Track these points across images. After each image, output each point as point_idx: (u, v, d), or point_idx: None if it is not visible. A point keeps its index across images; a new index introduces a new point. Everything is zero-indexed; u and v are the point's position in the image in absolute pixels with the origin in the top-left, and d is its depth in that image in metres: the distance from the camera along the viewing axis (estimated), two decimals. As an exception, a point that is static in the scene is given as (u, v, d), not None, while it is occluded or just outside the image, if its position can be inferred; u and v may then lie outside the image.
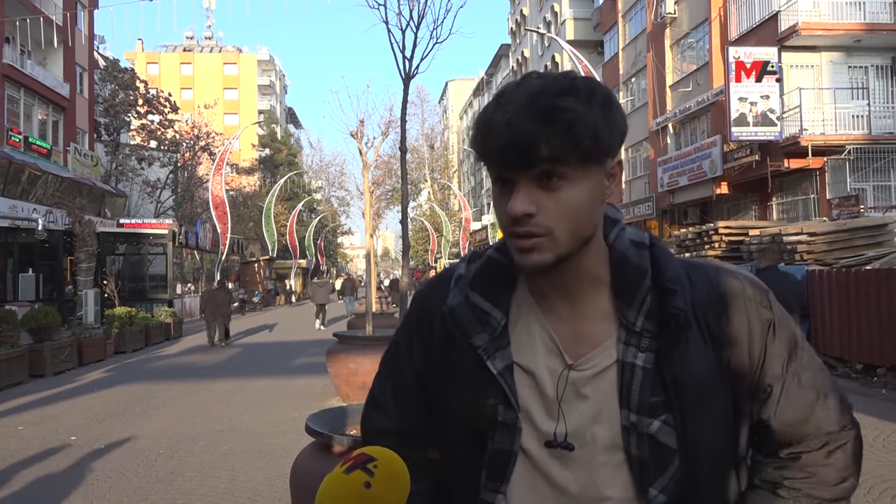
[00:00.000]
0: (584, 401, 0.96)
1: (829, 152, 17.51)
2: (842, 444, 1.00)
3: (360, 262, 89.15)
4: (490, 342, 0.98)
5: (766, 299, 1.00)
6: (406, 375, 1.10)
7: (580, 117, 0.85)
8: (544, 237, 0.89)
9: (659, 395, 0.93)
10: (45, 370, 11.11)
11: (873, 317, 9.03)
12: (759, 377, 0.99)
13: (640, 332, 0.94)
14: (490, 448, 0.98)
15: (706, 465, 0.95)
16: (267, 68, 74.94)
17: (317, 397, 8.58)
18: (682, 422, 0.93)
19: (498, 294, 1.00)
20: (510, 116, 0.87)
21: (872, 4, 18.36)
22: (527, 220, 0.89)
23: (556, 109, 0.85)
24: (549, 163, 0.87)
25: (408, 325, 1.12)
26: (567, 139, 0.85)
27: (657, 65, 24.91)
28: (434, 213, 48.92)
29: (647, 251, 0.98)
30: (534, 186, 0.89)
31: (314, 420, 3.26)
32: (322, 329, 20.04)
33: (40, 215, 17.97)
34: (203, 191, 32.95)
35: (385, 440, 1.05)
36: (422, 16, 7.05)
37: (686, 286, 0.97)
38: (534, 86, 0.88)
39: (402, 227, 7.67)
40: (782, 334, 0.99)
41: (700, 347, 0.95)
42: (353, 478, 0.89)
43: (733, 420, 0.98)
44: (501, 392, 0.97)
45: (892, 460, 5.36)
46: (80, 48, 27.13)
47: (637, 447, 0.93)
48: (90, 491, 5.04)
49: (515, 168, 0.89)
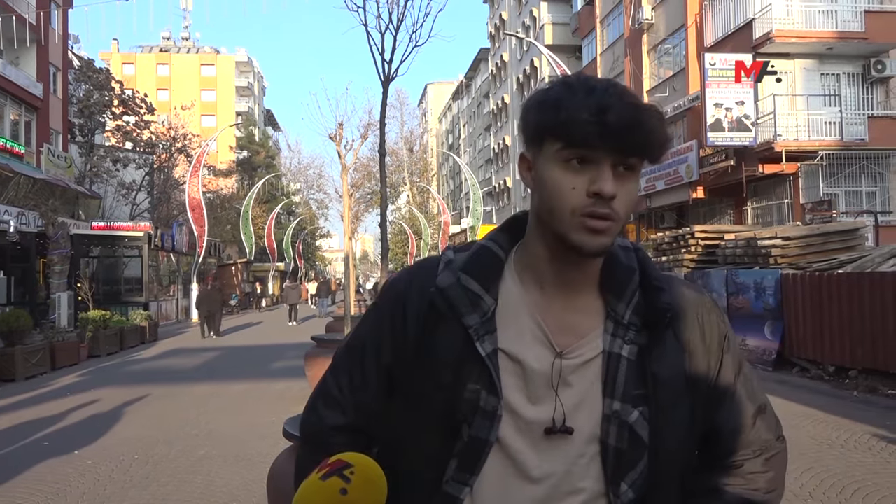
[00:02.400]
0: (570, 389, 0.98)
1: (803, 158, 17.80)
2: (776, 453, 1.07)
3: (338, 265, 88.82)
4: (481, 324, 0.99)
5: (721, 313, 1.09)
6: (368, 369, 1.08)
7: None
8: (614, 222, 0.94)
9: (640, 389, 0.97)
10: (17, 374, 10.90)
11: (845, 320, 9.19)
12: (714, 385, 1.04)
13: (627, 325, 1.00)
14: (466, 436, 0.97)
15: (670, 464, 0.99)
16: (245, 70, 74.40)
17: (295, 401, 8.51)
18: (654, 418, 0.97)
19: (489, 280, 1.02)
20: (632, 101, 0.92)
21: (844, 13, 18.72)
22: (603, 203, 0.92)
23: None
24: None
25: (376, 316, 1.10)
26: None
27: (635, 70, 25.16)
28: (413, 216, 48.91)
29: (633, 253, 1.05)
30: (612, 174, 0.93)
31: (292, 424, 3.23)
32: (293, 325, 22.81)
33: (12, 217, 17.63)
34: (179, 193, 32.56)
35: (335, 437, 1.06)
36: (401, 19, 7.07)
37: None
38: (616, 85, 0.94)
39: (380, 230, 7.65)
40: (733, 347, 1.07)
41: (675, 349, 1.01)
42: (330, 484, 0.89)
43: (691, 425, 1.02)
44: (486, 377, 0.97)
45: (864, 461, 5.45)
46: (54, 48, 26.71)
47: (616, 437, 0.96)
48: (63, 497, 4.95)
49: (627, 154, 0.93)
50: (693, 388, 1.02)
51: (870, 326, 8.79)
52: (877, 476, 5.05)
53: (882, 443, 6.01)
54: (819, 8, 18.64)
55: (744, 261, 12.02)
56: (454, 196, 62.32)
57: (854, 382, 8.80)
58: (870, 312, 8.78)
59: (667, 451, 0.98)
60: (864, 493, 4.66)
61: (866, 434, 6.32)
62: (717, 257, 13.02)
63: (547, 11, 35.11)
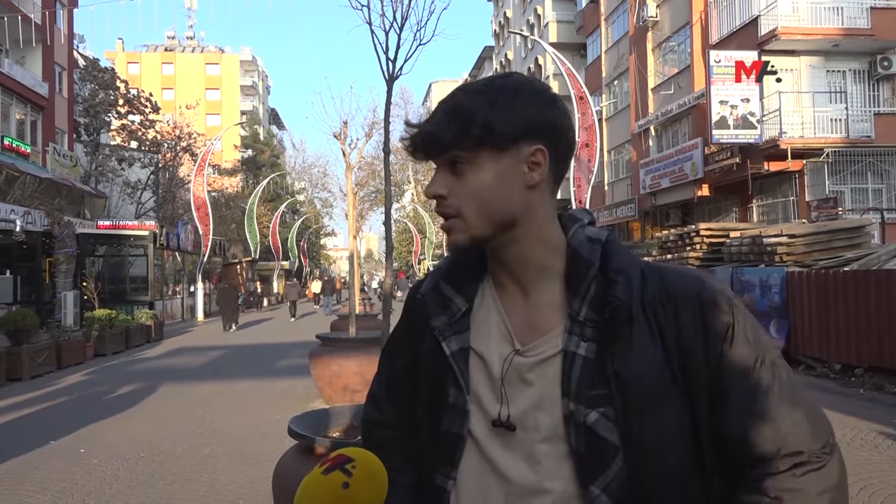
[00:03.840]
0: (529, 387, 0.98)
1: (808, 155, 17.75)
2: (813, 468, 0.92)
3: (343, 264, 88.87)
4: (447, 325, 1.04)
5: (726, 304, 0.98)
6: (396, 369, 1.16)
7: (470, 110, 0.95)
8: (456, 218, 0.98)
9: (601, 388, 0.93)
10: (23, 373, 10.94)
11: (851, 318, 9.16)
12: (716, 383, 0.95)
13: (583, 321, 0.96)
14: (440, 430, 1.02)
15: (656, 470, 0.92)
16: (249, 69, 74.47)
17: (300, 399, 8.53)
18: (624, 418, 0.92)
19: (463, 283, 1.06)
20: (431, 115, 1.00)
21: (850, 10, 18.63)
22: (440, 202, 0.99)
23: (453, 105, 0.97)
24: (451, 150, 0.96)
25: (400, 319, 1.18)
26: (457, 128, 0.95)
27: (639, 68, 25.10)
28: (418, 214, 48.88)
29: (599, 245, 1.00)
30: (448, 172, 0.98)
31: (297, 422, 3.24)
32: (293, 321, 24.91)
33: (18, 216, 17.71)
34: (184, 192, 32.59)
35: (381, 432, 1.16)
36: (405, 17, 7.03)
37: (636, 282, 0.97)
38: (457, 88, 1.01)
39: (385, 229, 7.65)
40: (742, 340, 0.96)
41: (646, 345, 0.94)
42: (332, 478, 0.91)
43: (692, 428, 0.96)
44: (453, 374, 1.01)
45: (871, 459, 5.44)
46: (60, 47, 26.77)
47: (575, 438, 0.93)
48: (69, 495, 4.97)
49: (428, 155, 1.00)
50: (688, 386, 0.95)
51: (876, 324, 8.76)
52: (883, 474, 5.03)
53: (888, 441, 5.99)
54: (825, 4, 18.56)
55: (749, 259, 11.99)
56: (459, 194, 62.22)
57: (860, 380, 8.78)
58: (876, 310, 8.74)
59: (648, 455, 0.92)
60: (870, 492, 4.64)
61: (872, 432, 6.30)
62: (722, 255, 12.98)
63: (551, 9, 35.03)
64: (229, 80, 67.87)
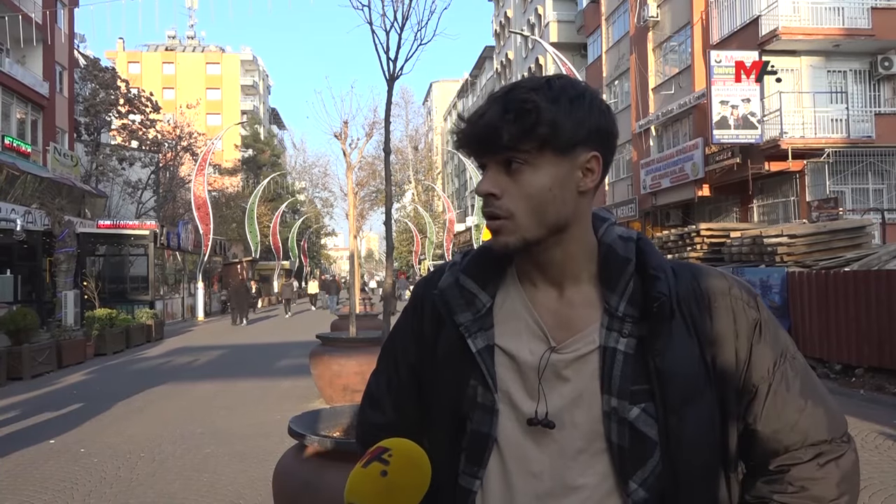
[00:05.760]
0: (566, 383, 0.97)
1: (809, 155, 17.73)
2: (834, 457, 0.97)
3: (343, 264, 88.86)
4: (473, 321, 1.02)
5: (753, 300, 1.02)
6: (401, 369, 1.14)
7: (538, 108, 0.92)
8: (507, 220, 0.96)
9: (642, 384, 0.95)
10: (24, 373, 10.94)
11: (852, 318, 9.16)
12: (746, 377, 0.99)
13: (622, 317, 0.97)
14: (469, 430, 1.01)
15: (690, 463, 0.95)
16: (250, 68, 74.48)
17: (300, 399, 8.53)
18: (664, 414, 0.94)
19: (487, 279, 1.04)
20: (485, 109, 0.96)
21: (851, 10, 18.62)
22: (491, 202, 0.96)
23: (517, 101, 0.93)
24: (510, 149, 0.94)
25: (404, 317, 1.16)
26: (523, 127, 0.92)
27: (640, 68, 25.09)
28: (418, 214, 48.89)
29: (633, 244, 1.02)
30: (501, 172, 0.96)
31: (297, 422, 3.24)
32: (288, 317, 26.69)
33: (19, 215, 17.71)
34: (185, 191, 32.60)
35: (380, 435, 1.08)
36: (406, 17, 7.03)
37: (671, 278, 0.99)
38: (513, 84, 0.97)
39: (385, 229, 7.65)
40: (769, 336, 1.00)
41: (684, 341, 0.97)
42: (370, 470, 0.93)
43: (721, 421, 0.98)
44: (480, 372, 0.99)
45: (871, 459, 5.43)
46: (60, 47, 26.78)
47: (617, 434, 0.94)
48: (69, 494, 4.97)
49: (482, 154, 0.97)
50: (719, 381, 0.97)
51: (876, 325, 8.75)
52: (884, 474, 5.03)
53: (889, 441, 5.99)
54: (825, 5, 18.55)
55: (750, 259, 11.98)
56: (459, 194, 62.26)
57: (860, 381, 8.77)
58: (876, 310, 8.74)
59: (684, 449, 0.94)
60: (870, 492, 4.64)
61: (873, 432, 6.30)
62: (722, 255, 12.98)
63: (552, 9, 35.02)
64: (230, 80, 67.88)
